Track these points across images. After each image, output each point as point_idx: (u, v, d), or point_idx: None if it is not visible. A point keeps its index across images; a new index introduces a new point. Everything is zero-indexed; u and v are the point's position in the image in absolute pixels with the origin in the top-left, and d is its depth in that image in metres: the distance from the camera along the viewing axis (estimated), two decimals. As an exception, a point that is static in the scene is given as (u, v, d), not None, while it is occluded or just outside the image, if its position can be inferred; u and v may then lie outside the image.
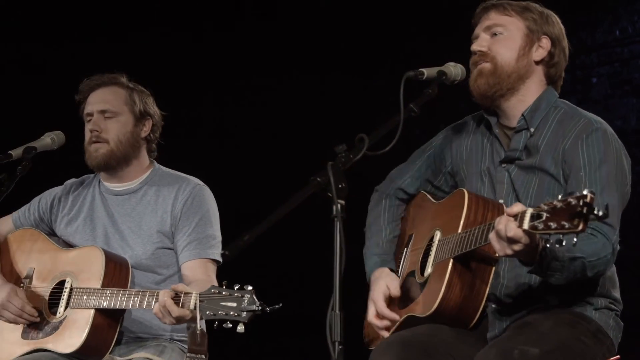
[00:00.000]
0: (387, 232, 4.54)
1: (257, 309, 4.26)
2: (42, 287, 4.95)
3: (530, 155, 4.20)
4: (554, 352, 3.94)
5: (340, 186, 3.64)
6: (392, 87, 4.02)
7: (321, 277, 3.97)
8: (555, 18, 4.35)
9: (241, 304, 4.26)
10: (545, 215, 3.58)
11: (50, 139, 4.95)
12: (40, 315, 4.90)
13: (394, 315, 4.30)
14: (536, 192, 4.18)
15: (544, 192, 4.16)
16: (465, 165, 4.41)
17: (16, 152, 4.81)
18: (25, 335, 4.89)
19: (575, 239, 3.53)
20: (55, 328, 4.83)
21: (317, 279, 4.46)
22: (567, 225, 3.51)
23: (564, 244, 3.54)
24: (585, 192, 3.48)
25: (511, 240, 3.72)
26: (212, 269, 4.92)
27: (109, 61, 5.30)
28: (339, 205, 3.63)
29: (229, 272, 4.48)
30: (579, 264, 3.89)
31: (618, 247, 4.05)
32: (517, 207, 3.72)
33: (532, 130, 4.21)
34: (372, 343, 4.49)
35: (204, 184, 5.10)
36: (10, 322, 4.88)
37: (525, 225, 3.65)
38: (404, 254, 4.51)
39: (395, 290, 4.32)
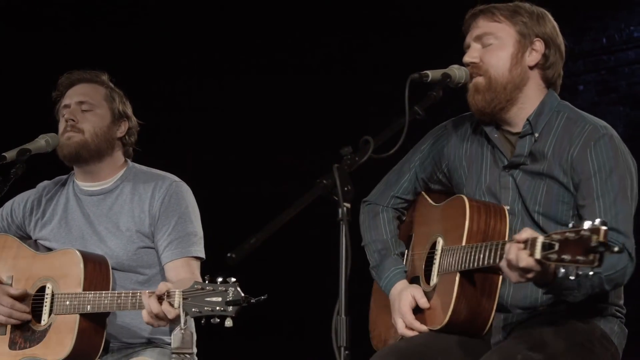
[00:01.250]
0: (394, 247, 4.44)
1: (242, 301, 4.17)
2: None
3: (537, 161, 4.14)
4: (557, 358, 3.89)
5: (346, 189, 3.57)
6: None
7: (326, 281, 3.91)
8: (547, 16, 4.24)
9: (226, 298, 4.18)
10: (557, 245, 3.53)
11: (44, 141, 4.84)
12: (26, 324, 4.78)
13: (424, 327, 4.22)
14: (545, 199, 4.11)
15: (553, 199, 4.11)
16: (464, 169, 4.34)
17: (10, 154, 4.71)
18: (12, 346, 4.77)
19: (591, 272, 3.49)
20: (42, 336, 4.72)
21: (321, 283, 4.40)
22: (582, 259, 3.46)
23: (579, 273, 3.50)
24: (597, 224, 3.44)
25: (524, 270, 3.68)
26: (196, 267, 4.85)
27: (101, 60, 5.20)
28: (344, 209, 3.56)
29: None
30: (596, 279, 3.85)
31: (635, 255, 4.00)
32: (525, 234, 3.68)
33: (536, 135, 4.15)
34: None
35: (180, 180, 4.99)
36: (1, 323, 4.76)
37: (537, 255, 3.60)
38: (406, 256, 4.45)
39: (425, 303, 4.23)
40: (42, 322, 4.73)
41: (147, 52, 7.59)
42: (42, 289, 4.78)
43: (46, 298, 4.75)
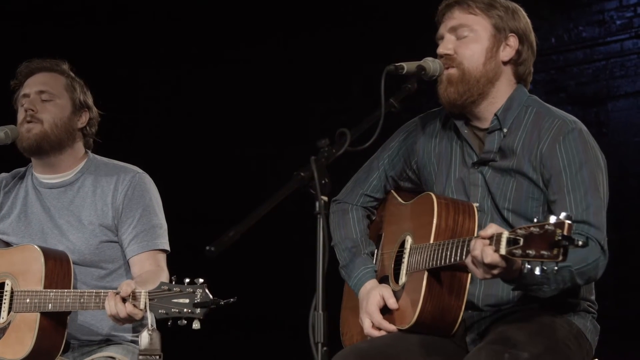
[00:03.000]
0: (364, 246, 4.39)
1: (211, 303, 4.10)
2: None
3: (506, 157, 4.10)
4: (542, 355, 3.84)
5: (323, 182, 3.51)
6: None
7: (302, 276, 3.84)
8: (521, 12, 4.22)
9: (194, 300, 4.10)
10: (522, 240, 3.51)
11: (3, 134, 4.74)
12: None
13: (392, 327, 4.16)
14: (514, 196, 4.08)
15: (522, 195, 4.07)
16: (434, 166, 4.29)
17: (-32, 146, 4.61)
18: None
19: (556, 267, 3.48)
20: (1, 334, 4.60)
21: (298, 277, 4.33)
22: (546, 254, 3.45)
23: (545, 268, 3.48)
24: (562, 218, 3.43)
25: (489, 266, 3.65)
26: (162, 259, 4.77)
27: (60, 48, 5.07)
28: (322, 202, 3.49)
29: (206, 270, 4.30)
30: (566, 273, 3.81)
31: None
32: (491, 229, 3.65)
33: (505, 130, 4.12)
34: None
35: (143, 172, 4.91)
36: None
37: (502, 251, 3.58)
38: (375, 255, 4.38)
39: (394, 304, 4.17)
40: (1, 320, 4.62)
41: (107, 40, 7.50)
42: (1, 286, 4.67)
43: (5, 295, 4.63)
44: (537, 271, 3.48)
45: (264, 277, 7.17)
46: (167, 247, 4.80)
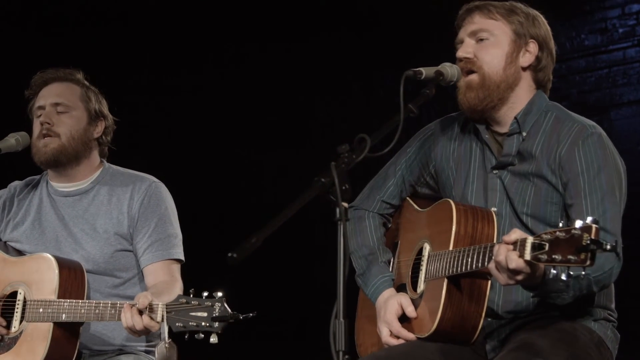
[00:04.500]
0: (381, 254, 4.34)
1: (229, 317, 4.06)
2: None
3: (525, 161, 4.08)
4: None
5: (344, 188, 3.47)
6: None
7: (325, 283, 3.81)
8: (541, 18, 4.20)
9: (212, 313, 4.07)
10: (547, 245, 3.48)
11: (14, 140, 4.73)
12: None
13: (410, 335, 4.12)
14: (533, 201, 4.05)
15: (541, 200, 4.05)
16: (452, 170, 4.26)
17: (-20, 154, 4.58)
18: None
19: (583, 272, 3.47)
20: (12, 343, 4.56)
21: (320, 284, 4.30)
22: (573, 258, 3.42)
23: (571, 273, 3.45)
24: (589, 222, 3.40)
25: (513, 272, 3.61)
26: (177, 269, 4.75)
27: (73, 57, 5.05)
28: (343, 208, 3.46)
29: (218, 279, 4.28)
30: (585, 281, 3.79)
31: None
32: (515, 235, 3.61)
33: (524, 134, 4.10)
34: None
35: (159, 181, 4.89)
36: None
37: (527, 256, 3.54)
38: (392, 263, 4.35)
39: (413, 312, 4.13)
40: (13, 329, 4.58)
41: (118, 47, 7.47)
42: (13, 295, 4.63)
43: (17, 304, 4.59)
44: (564, 276, 3.44)
45: (286, 283, 7.14)
46: (182, 257, 4.77)
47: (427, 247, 4.16)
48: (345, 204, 3.47)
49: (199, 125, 7.65)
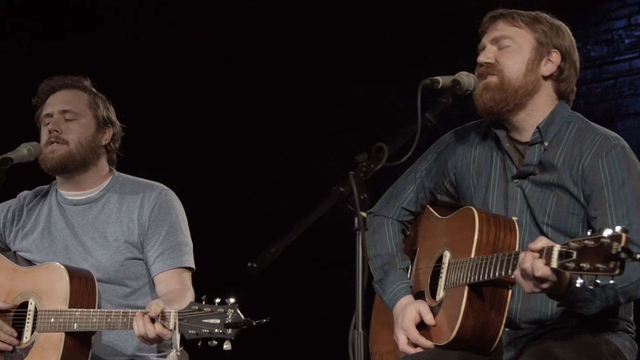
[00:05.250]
0: (399, 261, 4.31)
1: (243, 324, 4.03)
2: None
3: (546, 171, 4.06)
4: None
5: (362, 197, 3.45)
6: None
7: (343, 292, 3.79)
8: (566, 29, 4.20)
9: (225, 320, 4.04)
10: (575, 253, 3.45)
11: (26, 150, 4.66)
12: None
13: (429, 343, 4.09)
14: (554, 211, 4.03)
15: (563, 210, 4.02)
16: (472, 178, 4.24)
17: (-9, 164, 4.54)
18: None
19: (612, 281, 3.43)
20: (24, 354, 4.53)
21: (337, 294, 4.27)
22: (602, 267, 3.39)
23: (598, 282, 3.43)
24: (619, 231, 3.38)
25: (539, 280, 3.59)
26: (188, 277, 4.72)
27: (79, 63, 5.02)
28: (361, 217, 3.44)
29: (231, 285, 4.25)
30: (611, 292, 3.76)
31: None
32: (541, 242, 3.59)
33: (545, 144, 4.07)
34: None
35: (169, 189, 4.86)
36: None
37: (554, 264, 3.52)
38: (410, 270, 4.32)
39: (431, 319, 4.10)
40: (24, 340, 4.55)
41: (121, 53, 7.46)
42: (24, 305, 4.60)
43: (29, 314, 4.55)
44: (591, 286, 3.43)
45: (302, 293, 7.13)
46: (193, 265, 4.75)
47: (447, 255, 4.13)
48: (364, 214, 3.45)
49: (206, 133, 7.63)
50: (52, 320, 4.47)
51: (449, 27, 7.00)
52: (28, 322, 4.55)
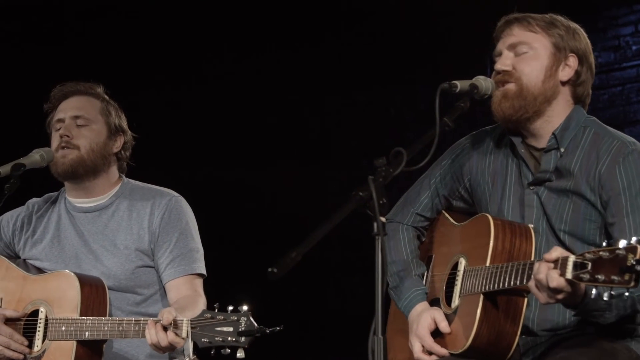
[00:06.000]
0: (414, 267, 4.27)
1: (256, 331, 3.99)
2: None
3: (562, 178, 4.01)
4: None
5: (381, 202, 3.41)
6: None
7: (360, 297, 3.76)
8: (581, 32, 4.14)
9: (238, 328, 3.99)
10: (590, 265, 3.42)
11: (39, 156, 4.62)
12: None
13: (443, 351, 4.05)
14: (571, 218, 3.98)
15: (580, 217, 3.98)
16: (487, 184, 4.19)
17: (4, 169, 4.49)
18: None
19: (626, 293, 3.41)
20: (36, 363, 4.50)
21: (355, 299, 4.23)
22: (617, 279, 3.36)
23: (613, 294, 3.41)
24: (634, 243, 3.34)
25: (554, 290, 3.56)
26: (199, 284, 4.68)
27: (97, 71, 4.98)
28: (381, 222, 3.40)
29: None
30: (629, 300, 3.73)
31: None
32: (556, 253, 3.56)
33: (562, 150, 4.03)
34: None
35: (179, 195, 4.81)
36: None
37: (569, 275, 3.49)
38: (425, 277, 4.28)
39: (446, 327, 4.06)
40: (35, 349, 4.51)
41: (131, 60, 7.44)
42: (34, 313, 4.55)
43: (39, 323, 4.51)
44: (606, 297, 3.40)
45: (319, 297, 7.09)
46: (204, 272, 4.71)
47: (462, 262, 4.09)
48: (383, 219, 3.42)
49: (214, 140, 7.60)
50: (63, 328, 4.43)
51: (451, 31, 7.00)
52: (39, 331, 4.50)
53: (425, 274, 4.30)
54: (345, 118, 7.52)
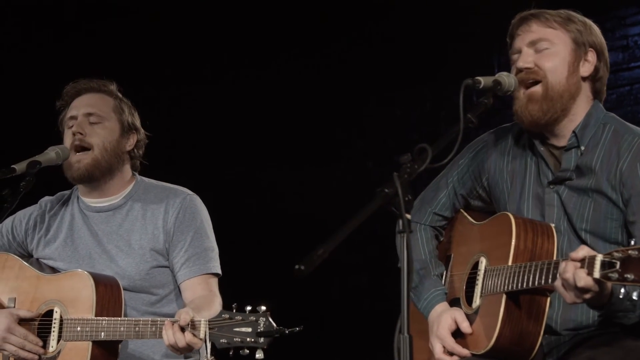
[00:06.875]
0: (433, 267, 4.23)
1: (275, 332, 3.95)
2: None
3: (583, 176, 3.97)
4: None
5: (407, 199, 3.37)
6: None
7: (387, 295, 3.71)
8: (596, 27, 4.11)
9: (257, 328, 3.95)
10: (618, 264, 3.39)
11: (54, 153, 4.57)
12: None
13: (465, 352, 4.02)
14: (592, 216, 3.94)
15: (601, 216, 3.93)
16: (506, 183, 4.15)
17: (20, 167, 4.43)
18: None
19: None
20: (51, 363, 4.45)
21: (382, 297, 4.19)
22: None
23: None
24: None
25: (581, 290, 3.52)
26: (215, 283, 4.63)
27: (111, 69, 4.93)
28: (406, 219, 3.35)
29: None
30: None
31: None
32: (582, 251, 3.52)
33: (582, 148, 3.98)
34: None
35: (193, 193, 4.76)
36: (11, 354, 4.44)
37: (596, 274, 3.46)
38: (444, 277, 4.23)
39: (468, 328, 4.02)
40: (50, 349, 4.46)
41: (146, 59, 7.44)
42: (48, 313, 4.50)
43: (54, 323, 4.45)
44: (635, 296, 3.39)
45: (347, 297, 7.06)
46: (219, 271, 4.66)
47: (483, 261, 4.05)
48: (409, 216, 3.37)
49: (229, 139, 7.57)
50: (79, 329, 4.38)
51: (458, 33, 6.98)
52: (54, 331, 4.45)
53: (444, 273, 4.25)
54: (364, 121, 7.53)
